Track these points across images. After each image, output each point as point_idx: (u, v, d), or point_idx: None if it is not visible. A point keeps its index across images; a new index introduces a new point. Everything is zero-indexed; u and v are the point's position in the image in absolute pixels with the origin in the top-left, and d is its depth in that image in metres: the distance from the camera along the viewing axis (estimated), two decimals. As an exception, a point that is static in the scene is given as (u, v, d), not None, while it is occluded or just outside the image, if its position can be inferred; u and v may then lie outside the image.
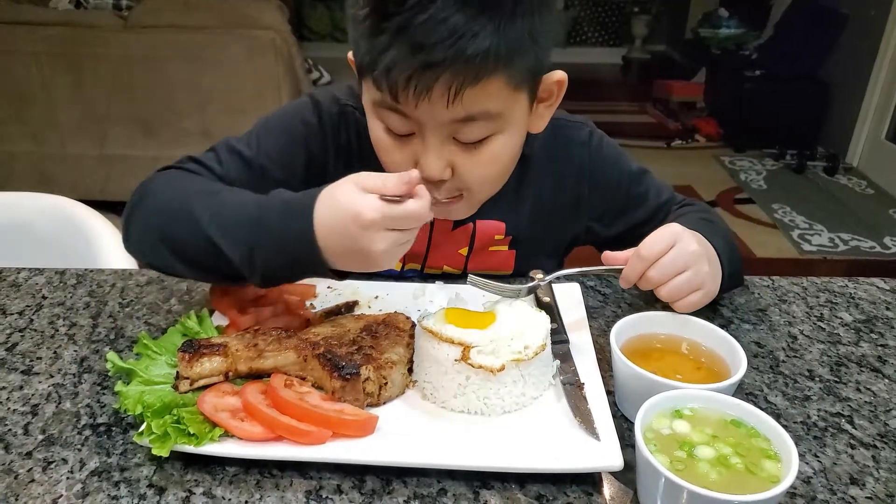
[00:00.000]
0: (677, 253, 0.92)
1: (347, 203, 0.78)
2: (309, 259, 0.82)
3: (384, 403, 0.83)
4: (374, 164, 0.99)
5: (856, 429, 0.84)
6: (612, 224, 1.21)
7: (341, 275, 0.86)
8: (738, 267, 1.07)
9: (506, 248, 1.17)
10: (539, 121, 1.03)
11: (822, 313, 1.09)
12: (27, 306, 1.07)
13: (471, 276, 0.93)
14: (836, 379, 0.93)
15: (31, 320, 1.03)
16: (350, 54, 0.96)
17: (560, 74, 0.99)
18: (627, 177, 1.19)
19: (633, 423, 0.70)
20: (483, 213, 1.12)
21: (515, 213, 1.15)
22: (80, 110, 3.60)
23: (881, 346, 1.01)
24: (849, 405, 0.88)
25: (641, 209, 1.19)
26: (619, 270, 0.95)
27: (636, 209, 1.19)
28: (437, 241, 1.15)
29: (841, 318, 1.08)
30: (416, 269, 1.18)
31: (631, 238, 0.97)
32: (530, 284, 0.97)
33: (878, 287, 1.17)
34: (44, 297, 1.09)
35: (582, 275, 1.04)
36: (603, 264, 0.98)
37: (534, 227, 1.17)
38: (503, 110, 0.91)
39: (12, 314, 1.05)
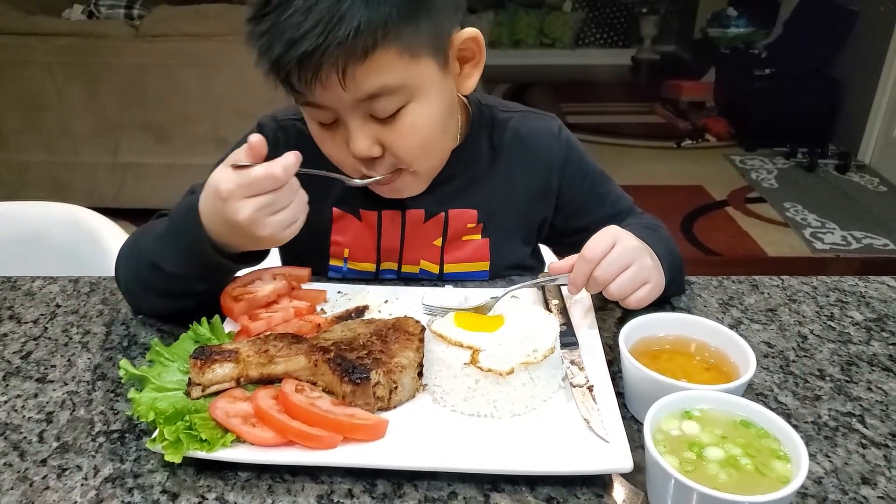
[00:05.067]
0: (619, 251, 0.95)
1: (210, 181, 0.88)
2: (200, 247, 0.93)
3: (394, 407, 0.84)
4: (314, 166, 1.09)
5: (867, 428, 0.84)
6: (571, 218, 1.23)
7: (247, 259, 0.98)
8: (678, 275, 1.10)
9: (479, 236, 1.18)
10: (467, 80, 1.05)
11: (832, 312, 1.08)
12: (41, 315, 1.08)
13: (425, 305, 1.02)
14: (846, 378, 0.93)
15: (46, 328, 1.04)
16: None
17: (472, 31, 1.00)
18: (592, 175, 1.23)
19: (642, 425, 0.70)
20: (454, 202, 1.15)
21: (487, 199, 1.17)
22: (93, 119, 3.64)
23: (892, 344, 1.01)
24: (860, 404, 0.88)
25: (600, 210, 1.21)
26: (566, 278, 0.98)
27: (595, 209, 1.21)
28: (411, 235, 1.16)
29: (851, 317, 1.08)
30: (393, 268, 1.19)
31: (583, 241, 0.99)
32: (478, 304, 0.98)
33: (888, 286, 1.16)
34: (58, 306, 1.10)
35: (533, 287, 1.06)
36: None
37: (505, 212, 1.18)
38: (405, 81, 0.93)
39: (27, 323, 1.06)
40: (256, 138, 0.86)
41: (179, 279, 0.98)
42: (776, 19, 5.69)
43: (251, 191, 0.85)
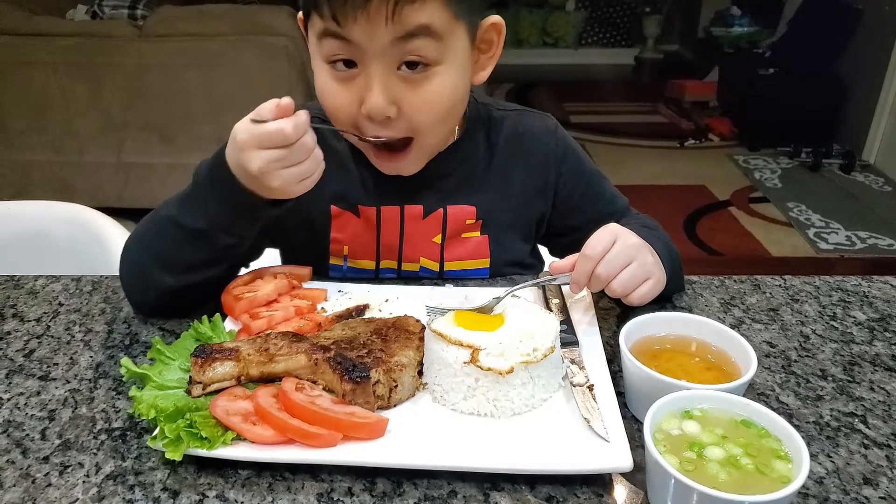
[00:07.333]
0: (620, 247, 0.96)
1: (233, 131, 0.90)
2: (229, 186, 0.93)
3: (394, 406, 0.84)
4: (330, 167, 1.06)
5: (869, 428, 0.84)
6: (567, 216, 1.23)
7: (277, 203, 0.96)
8: (677, 273, 1.11)
9: (477, 233, 1.18)
10: (482, 72, 1.07)
11: (834, 312, 1.08)
12: (44, 313, 1.08)
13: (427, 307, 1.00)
14: (849, 378, 0.93)
15: (48, 327, 1.05)
16: (301, 14, 1.02)
17: (496, 17, 1.03)
18: (588, 174, 1.24)
19: (642, 424, 0.70)
20: (452, 198, 1.15)
21: (485, 196, 1.17)
22: (97, 119, 3.65)
23: (895, 344, 1.00)
24: (862, 405, 0.88)
25: (596, 209, 1.21)
26: (568, 277, 0.98)
27: (592, 207, 1.22)
28: (410, 231, 1.16)
29: (854, 316, 1.07)
30: (393, 266, 1.19)
31: (579, 241, 0.99)
32: (480, 305, 0.96)
33: (891, 285, 1.16)
34: (60, 304, 1.11)
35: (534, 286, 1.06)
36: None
37: (504, 209, 1.19)
38: (443, 34, 0.93)
39: (30, 321, 1.06)
40: (286, 100, 0.87)
41: (203, 236, 0.97)
42: (780, 18, 5.67)
43: (262, 143, 0.87)
